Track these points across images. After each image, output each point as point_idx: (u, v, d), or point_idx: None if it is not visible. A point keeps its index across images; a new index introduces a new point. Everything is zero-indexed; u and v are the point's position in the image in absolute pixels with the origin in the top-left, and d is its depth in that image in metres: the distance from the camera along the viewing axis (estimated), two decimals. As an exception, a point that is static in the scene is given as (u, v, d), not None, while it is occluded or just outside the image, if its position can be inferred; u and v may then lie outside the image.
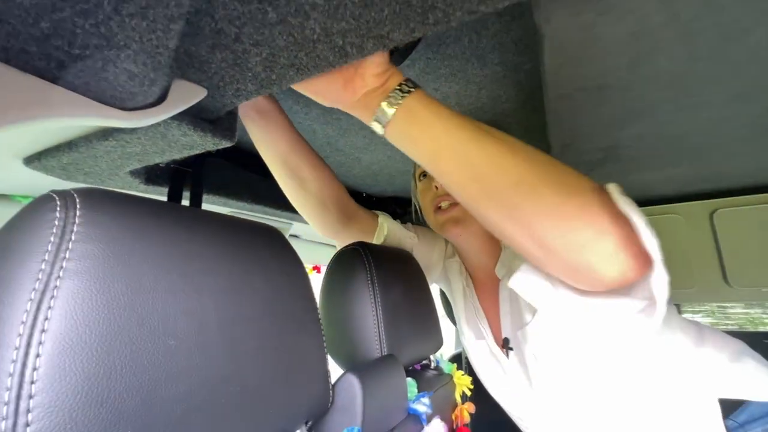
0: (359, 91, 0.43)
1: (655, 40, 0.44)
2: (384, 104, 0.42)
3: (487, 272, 0.91)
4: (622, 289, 0.41)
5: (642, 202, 1.28)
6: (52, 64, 0.26)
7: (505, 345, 0.84)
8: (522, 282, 0.50)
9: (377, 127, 0.43)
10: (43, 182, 0.72)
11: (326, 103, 0.45)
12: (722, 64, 0.49)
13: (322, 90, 0.44)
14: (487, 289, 0.92)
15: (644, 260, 0.38)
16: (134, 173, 0.68)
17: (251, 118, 0.66)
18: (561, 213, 0.39)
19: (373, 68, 0.42)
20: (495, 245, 0.89)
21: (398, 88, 0.42)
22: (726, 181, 1.05)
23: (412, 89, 0.42)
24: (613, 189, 0.40)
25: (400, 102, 0.41)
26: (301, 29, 0.32)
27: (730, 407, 1.03)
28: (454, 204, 0.82)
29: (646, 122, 0.66)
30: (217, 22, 0.30)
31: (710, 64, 0.49)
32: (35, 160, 0.58)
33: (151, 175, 0.73)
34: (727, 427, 0.78)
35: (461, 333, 1.00)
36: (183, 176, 0.77)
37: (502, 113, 0.83)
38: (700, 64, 0.49)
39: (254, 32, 0.32)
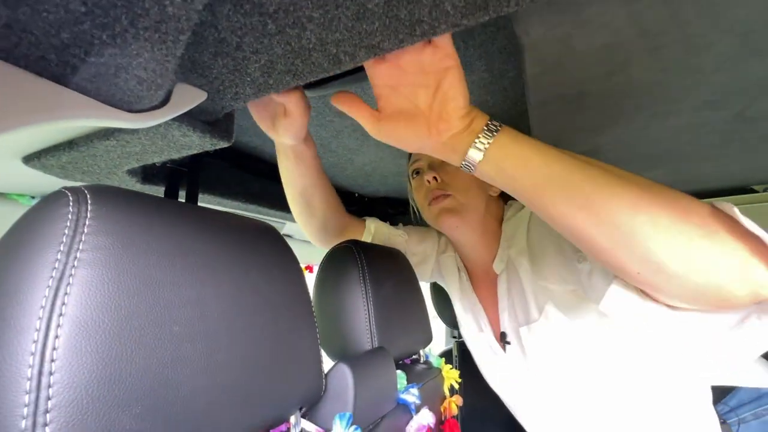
0: (444, 135, 0.44)
1: (628, 51, 0.48)
2: (477, 143, 0.42)
3: (484, 266, 0.92)
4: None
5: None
6: (68, 69, 0.29)
7: (502, 339, 0.86)
8: (612, 304, 0.48)
9: (468, 167, 0.44)
10: (39, 181, 0.74)
11: (412, 149, 0.47)
12: (691, 74, 0.53)
13: (406, 138, 0.45)
14: (485, 282, 0.93)
15: None
16: (131, 172, 0.69)
17: (287, 156, 0.72)
18: (681, 235, 0.37)
19: (458, 111, 0.43)
20: (491, 239, 0.90)
21: (486, 127, 0.43)
22: (702, 184, 1.10)
23: (499, 127, 0.43)
24: (727, 207, 0.39)
25: (490, 140, 0.42)
26: (298, 39, 0.35)
27: (721, 393, 1.07)
28: (446, 195, 0.84)
29: (623, 129, 0.70)
30: (221, 32, 0.33)
31: (679, 74, 0.53)
32: (34, 158, 0.60)
33: (148, 174, 0.74)
34: (718, 412, 0.80)
35: (460, 325, 1.02)
36: (179, 176, 0.79)
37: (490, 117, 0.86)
38: (670, 74, 0.53)
39: (254, 41, 0.34)
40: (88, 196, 0.31)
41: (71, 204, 0.30)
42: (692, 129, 0.70)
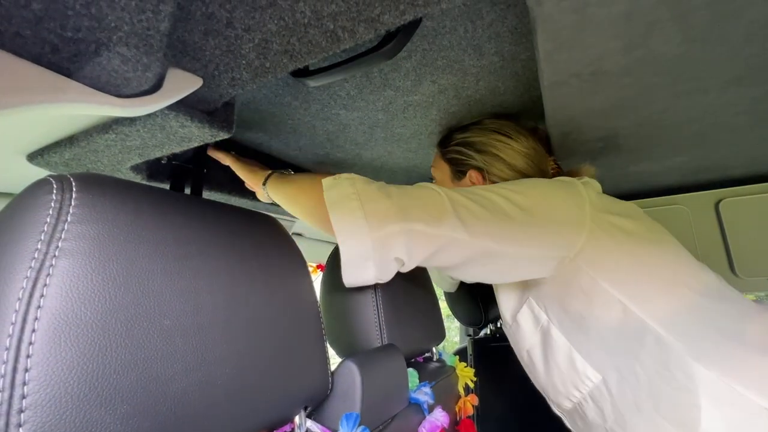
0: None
1: (649, 21, 0.44)
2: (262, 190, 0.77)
3: None
4: None
5: (645, 194, 1.27)
6: (47, 48, 0.27)
7: None
8: None
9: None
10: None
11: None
12: (718, 46, 0.49)
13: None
14: None
15: None
16: (136, 169, 0.68)
17: None
18: (313, 214, 0.61)
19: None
20: None
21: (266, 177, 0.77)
22: (730, 171, 1.04)
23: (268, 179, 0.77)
24: (325, 182, 0.57)
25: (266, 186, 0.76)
26: (292, 12, 0.33)
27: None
28: None
29: (643, 110, 0.66)
30: (208, 6, 0.31)
31: (706, 46, 0.49)
32: (38, 156, 0.59)
33: (153, 171, 0.74)
34: None
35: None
36: (185, 172, 0.78)
37: (501, 105, 0.83)
38: (696, 46, 0.49)
39: (245, 16, 0.32)
40: (74, 183, 0.29)
41: (55, 191, 0.28)
42: (719, 109, 0.65)
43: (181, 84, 0.40)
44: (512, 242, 0.56)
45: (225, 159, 0.83)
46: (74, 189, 0.29)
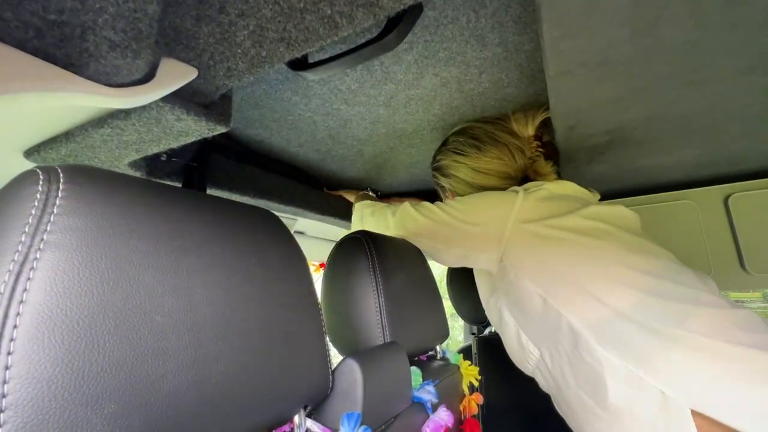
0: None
1: (658, 6, 0.42)
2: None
3: None
4: None
5: (653, 189, 1.24)
6: (30, 32, 0.26)
7: None
8: None
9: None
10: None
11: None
12: (731, 33, 0.47)
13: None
14: None
15: None
16: (135, 166, 0.67)
17: None
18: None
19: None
20: None
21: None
22: (740, 164, 1.02)
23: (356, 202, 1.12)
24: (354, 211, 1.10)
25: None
26: None
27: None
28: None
29: (651, 101, 0.64)
30: None
31: (718, 33, 0.47)
32: (35, 152, 0.59)
33: (152, 168, 0.73)
34: None
35: None
36: (186, 170, 0.77)
37: (504, 99, 0.81)
38: (707, 33, 0.47)
39: (238, 0, 0.31)
40: (61, 174, 0.28)
41: (41, 182, 0.27)
42: (730, 99, 0.63)
43: (175, 74, 0.39)
44: (434, 238, 0.83)
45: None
46: (62, 180, 0.28)
